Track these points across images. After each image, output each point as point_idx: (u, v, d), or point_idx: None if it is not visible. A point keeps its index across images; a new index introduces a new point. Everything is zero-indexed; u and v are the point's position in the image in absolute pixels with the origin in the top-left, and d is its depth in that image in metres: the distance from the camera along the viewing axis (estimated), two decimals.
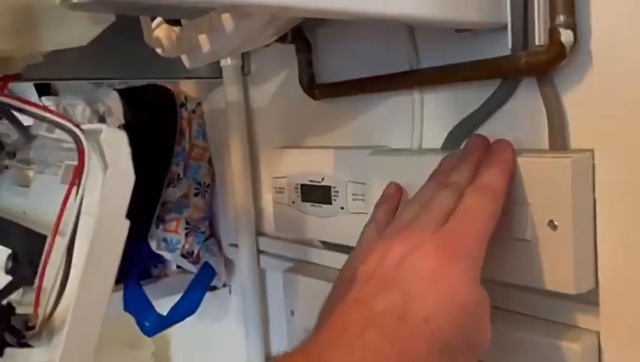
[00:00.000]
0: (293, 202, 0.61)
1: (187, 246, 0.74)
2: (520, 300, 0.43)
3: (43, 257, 0.26)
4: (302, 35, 0.58)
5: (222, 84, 0.73)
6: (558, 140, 0.41)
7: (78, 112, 0.77)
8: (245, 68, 0.69)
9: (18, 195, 0.36)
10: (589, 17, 0.37)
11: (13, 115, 0.32)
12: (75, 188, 0.26)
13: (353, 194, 0.54)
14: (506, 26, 0.42)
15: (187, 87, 0.81)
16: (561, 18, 0.38)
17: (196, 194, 0.77)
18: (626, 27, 0.36)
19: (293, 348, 0.33)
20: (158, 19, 0.37)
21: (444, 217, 0.36)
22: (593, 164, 0.38)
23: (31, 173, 0.36)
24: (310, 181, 0.59)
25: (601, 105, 0.38)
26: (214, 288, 0.77)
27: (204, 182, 0.77)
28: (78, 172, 0.27)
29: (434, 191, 0.39)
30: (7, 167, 0.37)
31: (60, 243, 0.26)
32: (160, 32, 0.36)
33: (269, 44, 0.58)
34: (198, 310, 0.75)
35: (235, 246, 0.76)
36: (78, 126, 0.28)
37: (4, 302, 0.29)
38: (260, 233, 0.72)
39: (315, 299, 0.60)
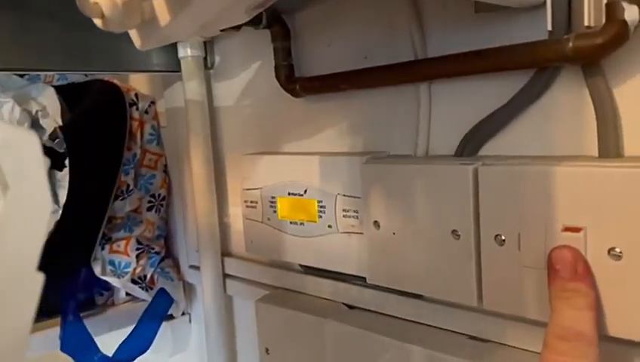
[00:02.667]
0: (269, 219, 0.51)
1: (139, 269, 0.63)
2: None
3: None
4: (279, 19, 0.49)
5: (180, 79, 0.62)
6: (611, 145, 0.33)
7: (5, 112, 0.65)
8: (208, 60, 0.59)
9: None
10: None
11: None
12: None
13: (344, 210, 0.45)
14: (539, 5, 0.34)
15: (138, 83, 0.70)
16: None
17: (149, 209, 0.65)
18: None
19: None
20: None
21: None
22: None
23: None
24: (290, 194, 0.49)
25: None
26: (171, 317, 0.66)
27: (159, 194, 0.66)
28: None
29: None
30: None
31: None
32: None
33: (240, 28, 0.48)
34: (153, 342, 0.64)
35: (197, 268, 0.65)
36: None
37: None
38: (225, 253, 0.61)
39: (295, 335, 0.51)
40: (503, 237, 0.34)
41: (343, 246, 0.45)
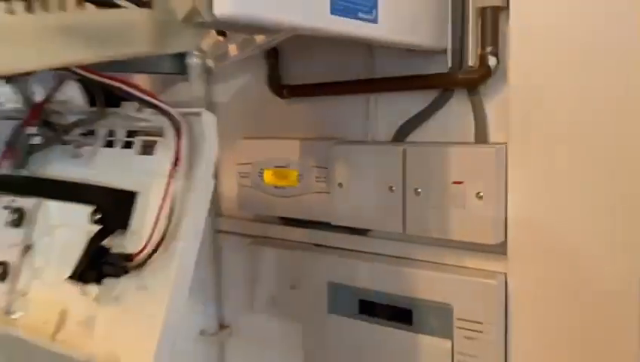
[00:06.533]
0: (258, 184, 0.72)
1: None
2: (450, 254, 0.58)
3: (160, 203, 0.35)
4: None
5: (182, 81, 0.81)
6: (482, 136, 0.56)
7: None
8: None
9: (75, 166, 0.43)
10: (509, 49, 0.53)
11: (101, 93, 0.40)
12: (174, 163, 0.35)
13: (316, 177, 0.66)
14: (447, 50, 0.57)
15: (140, 82, 0.87)
16: (489, 48, 0.53)
17: None
18: (529, 59, 0.52)
19: None
20: None
21: None
22: (506, 153, 0.54)
23: (87, 148, 0.43)
24: (276, 166, 0.70)
25: (514, 112, 0.53)
26: None
27: None
28: (179, 152, 0.36)
29: None
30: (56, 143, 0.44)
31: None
32: None
33: None
34: None
35: None
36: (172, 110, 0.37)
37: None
38: (217, 214, 0.81)
39: (278, 268, 0.72)
40: (419, 190, 0.57)
41: (315, 201, 0.67)
